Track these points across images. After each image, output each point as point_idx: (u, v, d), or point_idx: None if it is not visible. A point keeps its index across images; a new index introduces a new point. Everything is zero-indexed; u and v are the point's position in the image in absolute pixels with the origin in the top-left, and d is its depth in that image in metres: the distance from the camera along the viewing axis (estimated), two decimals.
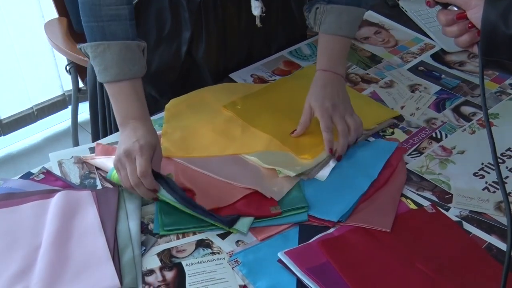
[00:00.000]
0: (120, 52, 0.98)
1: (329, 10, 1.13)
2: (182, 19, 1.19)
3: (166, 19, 1.19)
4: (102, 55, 0.98)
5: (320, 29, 1.14)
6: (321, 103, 1.08)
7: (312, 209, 0.98)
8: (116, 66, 0.98)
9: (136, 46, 1.00)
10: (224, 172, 1.04)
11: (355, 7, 1.13)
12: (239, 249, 0.92)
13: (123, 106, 1.00)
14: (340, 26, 1.12)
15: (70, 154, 1.07)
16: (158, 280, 0.87)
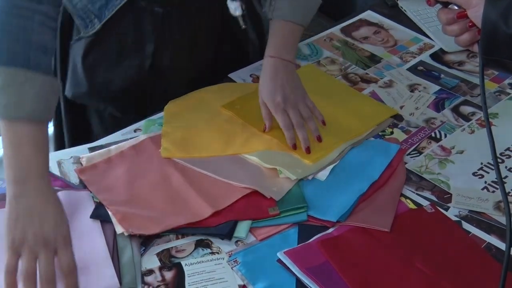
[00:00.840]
0: (42, 88, 0.83)
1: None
2: (144, 32, 1.11)
3: (127, 33, 1.10)
4: (20, 86, 0.81)
5: (273, 15, 1.12)
6: (272, 98, 1.05)
7: (311, 209, 0.98)
8: (33, 103, 0.82)
9: (57, 86, 0.89)
10: (224, 172, 1.04)
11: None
12: (239, 249, 0.92)
13: (24, 155, 0.82)
14: (292, 11, 1.11)
15: (69, 154, 1.07)
16: (158, 280, 0.87)
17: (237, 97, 1.21)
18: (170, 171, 1.04)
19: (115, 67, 1.13)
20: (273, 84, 1.06)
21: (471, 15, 0.80)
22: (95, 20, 1.05)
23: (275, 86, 1.06)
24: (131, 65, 1.14)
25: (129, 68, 1.14)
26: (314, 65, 1.33)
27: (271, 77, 1.06)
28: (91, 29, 1.06)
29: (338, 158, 1.08)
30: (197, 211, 0.96)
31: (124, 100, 1.17)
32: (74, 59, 1.12)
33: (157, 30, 1.11)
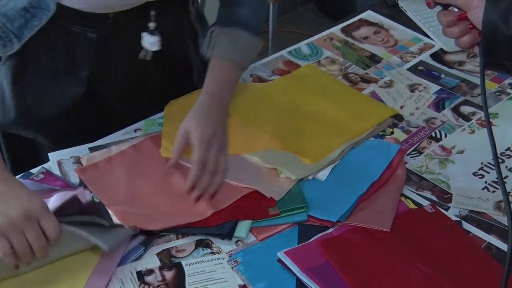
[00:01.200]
0: None
1: (224, 32, 1.06)
2: (78, 57, 1.04)
3: (58, 58, 1.04)
4: None
5: (213, 53, 1.06)
6: (203, 130, 0.96)
7: (311, 209, 0.98)
8: None
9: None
10: None
11: (251, 34, 1.07)
12: (239, 249, 0.92)
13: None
14: (233, 50, 1.05)
15: (69, 154, 1.07)
16: (158, 280, 0.87)
17: (236, 97, 1.21)
18: (171, 171, 1.04)
19: (46, 93, 1.07)
20: (207, 117, 0.99)
21: (471, 17, 0.80)
22: (14, 40, 0.98)
23: (209, 120, 0.99)
24: (63, 92, 1.07)
25: (61, 96, 1.07)
26: (314, 65, 1.33)
27: (206, 110, 1.00)
28: (10, 49, 0.99)
29: (338, 158, 1.08)
30: (197, 211, 0.96)
31: (56, 130, 1.11)
32: (1, 83, 1.07)
33: (91, 56, 1.04)
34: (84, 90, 1.07)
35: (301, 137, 1.12)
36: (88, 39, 1.03)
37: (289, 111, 1.19)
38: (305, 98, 1.22)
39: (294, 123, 1.16)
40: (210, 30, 1.06)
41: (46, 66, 1.05)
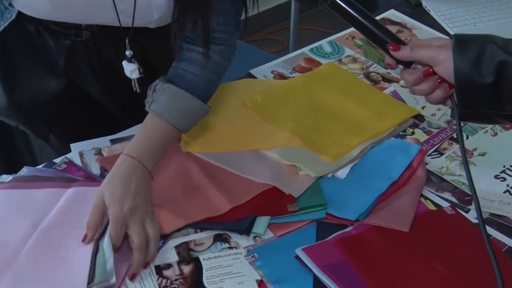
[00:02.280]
0: None
1: (165, 89, 0.96)
2: (51, 57, 1.06)
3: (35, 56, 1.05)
4: None
5: (150, 107, 0.97)
6: (119, 203, 0.87)
7: (330, 207, 0.98)
8: None
9: None
10: (244, 168, 1.04)
11: (193, 97, 0.97)
12: (257, 245, 0.92)
13: None
14: (170, 110, 0.95)
15: (91, 145, 1.08)
16: (176, 274, 0.87)
17: (257, 94, 1.21)
18: (190, 165, 1.04)
19: (27, 83, 1.07)
20: (123, 187, 0.89)
21: (440, 71, 0.78)
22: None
23: (126, 192, 0.88)
24: (43, 84, 1.07)
25: (41, 87, 1.07)
26: (335, 63, 1.33)
27: (123, 180, 0.90)
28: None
29: (358, 157, 1.08)
30: (216, 205, 0.97)
31: (37, 121, 1.11)
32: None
33: (65, 59, 1.06)
34: (63, 84, 1.07)
35: (321, 135, 1.12)
36: (61, 44, 1.04)
37: (309, 108, 1.19)
38: (326, 96, 1.22)
39: (314, 120, 1.16)
40: (154, 82, 0.97)
41: (25, 58, 1.06)
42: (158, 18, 1.01)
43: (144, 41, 1.07)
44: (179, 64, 1.00)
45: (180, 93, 0.96)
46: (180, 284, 0.86)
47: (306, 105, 1.20)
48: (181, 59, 1.00)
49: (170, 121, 0.96)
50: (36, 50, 1.05)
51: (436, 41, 0.82)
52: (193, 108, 0.98)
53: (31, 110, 1.09)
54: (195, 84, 0.99)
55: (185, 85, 0.97)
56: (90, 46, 1.05)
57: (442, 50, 0.78)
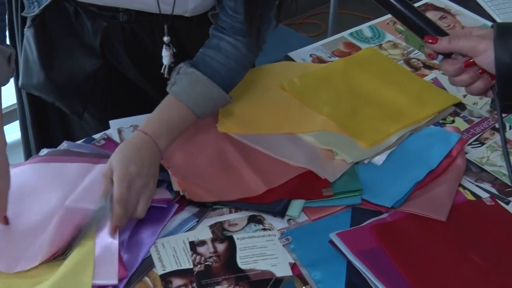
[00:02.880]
0: None
1: (189, 73, 0.95)
2: (89, 37, 1.06)
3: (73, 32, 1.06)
4: None
5: (171, 89, 0.96)
6: (126, 165, 0.87)
7: (366, 193, 0.97)
8: None
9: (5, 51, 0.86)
10: (279, 150, 1.04)
11: (215, 85, 0.96)
12: (291, 227, 0.92)
13: None
14: (190, 95, 0.95)
15: (129, 122, 1.09)
16: (210, 251, 0.88)
17: (295, 77, 1.21)
18: (226, 146, 1.05)
19: (64, 62, 1.09)
20: (134, 154, 0.89)
21: (480, 62, 0.76)
22: (35, 3, 1.03)
23: (134, 158, 0.89)
24: (80, 63, 1.09)
25: (78, 66, 1.09)
26: (375, 48, 1.31)
27: (134, 147, 0.90)
28: (32, 11, 1.04)
29: (396, 144, 1.06)
30: (251, 187, 0.97)
31: (73, 98, 1.12)
32: (26, 47, 1.10)
33: (101, 40, 1.06)
34: (99, 64, 1.08)
35: (359, 120, 1.11)
36: (98, 25, 1.05)
37: (347, 93, 1.18)
38: (365, 81, 1.20)
39: (352, 105, 1.15)
40: (179, 65, 0.97)
41: (63, 37, 1.07)
42: (193, 8, 1.02)
43: (179, 28, 1.08)
44: (207, 50, 0.99)
45: (202, 79, 0.95)
46: (214, 262, 0.86)
47: (344, 89, 1.19)
48: (209, 45, 1.00)
49: (188, 105, 0.95)
50: (73, 30, 1.06)
51: (477, 30, 0.80)
52: (214, 95, 0.97)
53: (67, 88, 1.11)
54: (219, 72, 0.98)
55: (209, 72, 0.96)
56: (126, 29, 1.06)
57: (483, 40, 0.76)
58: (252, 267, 0.86)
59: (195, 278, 0.84)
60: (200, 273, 0.85)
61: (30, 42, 1.08)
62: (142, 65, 1.11)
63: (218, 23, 1.01)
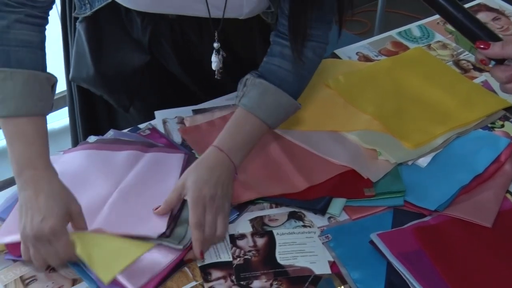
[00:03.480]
0: (25, 83, 0.83)
1: (256, 84, 0.94)
2: (137, 36, 1.08)
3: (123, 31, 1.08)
4: (2, 83, 0.82)
5: (240, 102, 0.95)
6: (200, 188, 0.87)
7: (408, 195, 0.95)
8: (18, 98, 0.82)
9: (45, 78, 0.86)
10: (322, 148, 1.03)
11: (284, 92, 0.94)
12: (331, 225, 0.92)
13: (20, 150, 0.83)
14: (260, 105, 0.94)
15: (174, 114, 1.11)
16: (249, 245, 0.89)
17: (340, 74, 1.20)
18: (269, 141, 1.05)
19: (114, 56, 1.10)
20: (208, 175, 0.89)
21: None
22: (87, 6, 1.04)
23: (209, 179, 0.88)
24: (128, 58, 1.10)
25: (126, 61, 1.10)
26: (423, 48, 1.29)
27: (208, 167, 0.90)
28: (83, 12, 1.06)
29: (441, 146, 1.04)
30: (293, 183, 0.97)
31: (120, 92, 1.14)
32: (77, 41, 1.12)
33: (150, 38, 1.08)
34: (147, 60, 1.10)
35: (404, 121, 1.09)
36: (147, 22, 1.06)
37: (393, 93, 1.16)
38: (411, 81, 1.19)
39: (398, 105, 1.13)
40: (245, 77, 0.96)
41: (113, 32, 1.09)
42: (248, 11, 1.01)
43: (229, 30, 1.08)
44: (271, 59, 0.98)
45: (271, 89, 0.94)
46: (253, 256, 0.87)
47: (390, 89, 1.17)
48: (273, 53, 0.98)
49: (260, 116, 0.94)
50: (123, 26, 1.08)
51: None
52: (284, 103, 0.96)
53: (114, 81, 1.13)
54: (286, 80, 0.96)
55: (277, 81, 0.95)
56: (175, 27, 1.07)
57: None
58: (291, 263, 0.86)
59: (234, 271, 0.85)
60: (239, 266, 0.85)
61: (81, 36, 1.10)
62: (188, 64, 1.12)
63: (278, 28, 0.99)
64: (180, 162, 0.99)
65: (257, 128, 0.95)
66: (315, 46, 0.98)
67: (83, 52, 1.11)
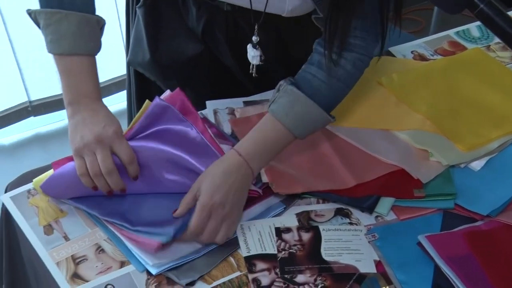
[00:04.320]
0: (78, 24, 0.88)
1: (288, 92, 0.89)
2: (191, 25, 1.09)
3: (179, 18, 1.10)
4: (58, 24, 0.88)
5: (269, 107, 0.91)
6: (211, 194, 0.86)
7: (459, 198, 0.93)
8: (72, 38, 0.88)
9: (95, 21, 0.91)
10: (373, 146, 1.02)
11: (315, 104, 0.89)
12: (378, 224, 0.91)
13: (74, 82, 0.90)
14: (288, 114, 0.89)
15: (225, 105, 1.11)
16: (295, 239, 0.88)
17: (394, 73, 1.18)
18: (318, 136, 1.04)
19: (170, 44, 1.11)
20: (221, 180, 0.87)
21: None
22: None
23: (221, 185, 0.86)
24: (183, 47, 1.11)
25: (181, 49, 1.11)
26: (482, 50, 1.25)
27: (224, 171, 0.87)
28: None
29: (496, 150, 1.01)
30: (341, 179, 0.96)
31: (172, 79, 1.14)
32: (136, 25, 1.14)
33: (204, 28, 1.08)
34: (200, 49, 1.11)
35: (458, 123, 1.07)
36: (202, 12, 1.07)
37: (447, 93, 1.14)
38: (468, 83, 1.16)
39: (452, 106, 1.11)
40: (280, 82, 0.92)
41: (170, 21, 1.10)
42: (290, 9, 1.00)
43: (279, 24, 1.07)
44: (309, 67, 0.93)
45: (301, 98, 0.89)
46: (298, 250, 0.87)
47: (445, 90, 1.15)
48: (312, 61, 0.93)
49: (286, 124, 0.90)
50: (179, 15, 1.10)
51: None
52: (313, 115, 0.90)
53: (168, 69, 1.14)
54: (320, 90, 0.91)
55: (310, 91, 0.90)
56: (229, 18, 1.08)
57: None
58: (336, 260, 0.85)
59: (278, 264, 0.85)
60: (284, 259, 0.85)
61: (140, 21, 1.12)
62: (240, 56, 1.12)
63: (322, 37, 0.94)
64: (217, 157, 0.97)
65: (282, 136, 0.91)
66: (356, 58, 0.91)
67: (140, 37, 1.13)
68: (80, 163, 0.87)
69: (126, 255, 0.86)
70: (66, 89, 0.91)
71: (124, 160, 0.88)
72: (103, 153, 0.86)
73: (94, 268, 0.85)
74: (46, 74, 2.17)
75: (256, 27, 1.01)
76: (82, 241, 0.88)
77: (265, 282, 0.83)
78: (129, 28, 1.21)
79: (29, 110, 2.23)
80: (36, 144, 2.22)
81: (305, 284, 0.82)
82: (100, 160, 0.86)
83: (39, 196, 0.94)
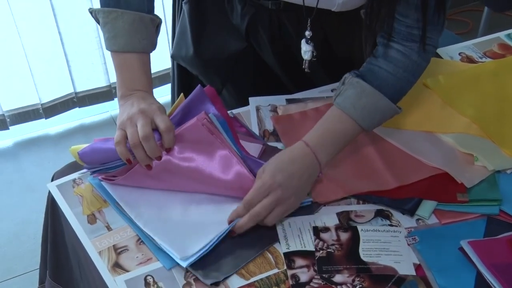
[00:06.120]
0: (132, 22, 0.93)
1: (354, 84, 0.90)
2: (235, 21, 1.11)
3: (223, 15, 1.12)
4: (114, 22, 0.93)
5: (335, 100, 0.92)
6: (274, 174, 0.86)
7: (505, 204, 0.91)
8: (126, 36, 0.93)
9: (149, 20, 0.95)
10: (416, 148, 1.01)
11: (382, 95, 0.90)
12: (419, 228, 0.90)
13: (127, 77, 0.95)
14: (355, 106, 0.90)
15: (268, 101, 1.11)
16: (333, 239, 0.88)
17: (441, 75, 1.16)
18: (360, 137, 1.02)
19: (213, 40, 1.13)
20: (287, 165, 0.88)
21: None
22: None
23: (286, 168, 0.87)
24: (226, 43, 1.12)
25: (224, 45, 1.13)
26: None
27: (290, 158, 0.89)
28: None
29: None
30: (382, 181, 0.95)
31: (214, 75, 1.16)
32: (182, 20, 1.15)
33: (248, 26, 1.10)
34: (243, 47, 1.12)
35: (506, 127, 1.04)
36: (247, 10, 1.08)
37: (496, 97, 1.11)
38: None
39: (500, 110, 1.08)
40: (345, 75, 0.93)
41: (215, 17, 1.12)
42: (341, 3, 1.00)
43: (325, 23, 1.07)
44: (373, 59, 0.93)
45: (368, 90, 0.90)
46: (336, 250, 0.86)
47: (493, 93, 1.12)
48: (377, 54, 0.93)
49: (353, 116, 0.90)
50: (224, 12, 1.11)
51: None
52: (380, 106, 0.91)
53: (210, 64, 1.16)
54: (387, 82, 0.91)
55: (377, 83, 0.90)
56: (273, 17, 1.08)
57: None
58: (375, 261, 0.85)
59: (316, 262, 0.85)
60: (322, 258, 0.85)
61: (185, 16, 1.14)
62: (282, 54, 1.13)
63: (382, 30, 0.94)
64: (257, 151, 0.99)
65: (349, 128, 0.91)
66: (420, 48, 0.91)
67: (185, 32, 1.15)
68: (119, 133, 0.90)
69: (154, 251, 0.87)
70: (119, 83, 0.96)
71: (161, 128, 0.89)
72: (144, 121, 0.89)
73: (134, 259, 0.86)
74: (92, 67, 2.23)
75: (309, 22, 1.02)
76: (124, 231, 0.90)
77: (304, 279, 0.83)
78: (175, 23, 1.23)
79: (74, 101, 2.29)
80: (80, 134, 2.28)
81: (343, 284, 0.82)
82: (139, 126, 0.88)
83: (84, 185, 0.96)
